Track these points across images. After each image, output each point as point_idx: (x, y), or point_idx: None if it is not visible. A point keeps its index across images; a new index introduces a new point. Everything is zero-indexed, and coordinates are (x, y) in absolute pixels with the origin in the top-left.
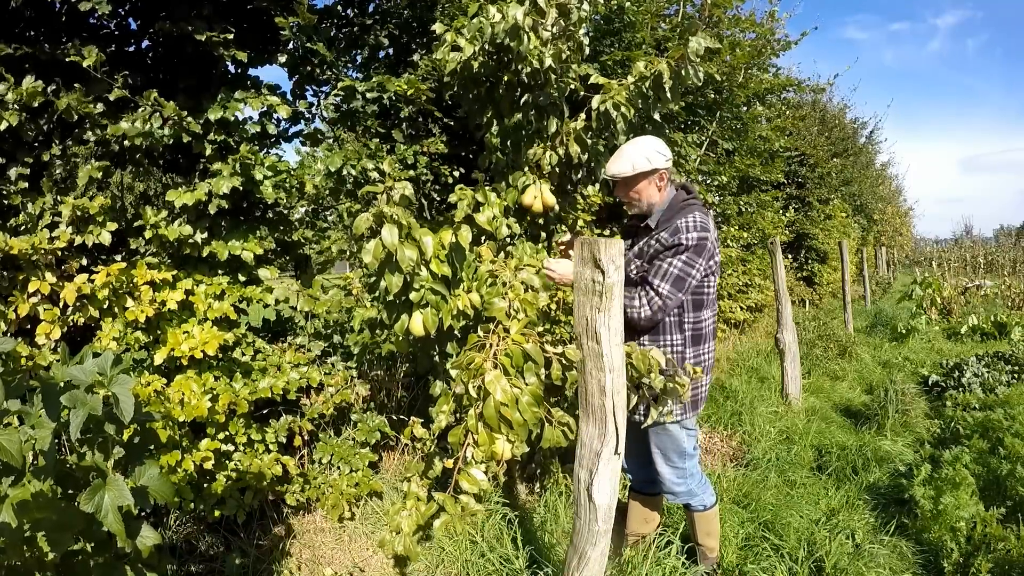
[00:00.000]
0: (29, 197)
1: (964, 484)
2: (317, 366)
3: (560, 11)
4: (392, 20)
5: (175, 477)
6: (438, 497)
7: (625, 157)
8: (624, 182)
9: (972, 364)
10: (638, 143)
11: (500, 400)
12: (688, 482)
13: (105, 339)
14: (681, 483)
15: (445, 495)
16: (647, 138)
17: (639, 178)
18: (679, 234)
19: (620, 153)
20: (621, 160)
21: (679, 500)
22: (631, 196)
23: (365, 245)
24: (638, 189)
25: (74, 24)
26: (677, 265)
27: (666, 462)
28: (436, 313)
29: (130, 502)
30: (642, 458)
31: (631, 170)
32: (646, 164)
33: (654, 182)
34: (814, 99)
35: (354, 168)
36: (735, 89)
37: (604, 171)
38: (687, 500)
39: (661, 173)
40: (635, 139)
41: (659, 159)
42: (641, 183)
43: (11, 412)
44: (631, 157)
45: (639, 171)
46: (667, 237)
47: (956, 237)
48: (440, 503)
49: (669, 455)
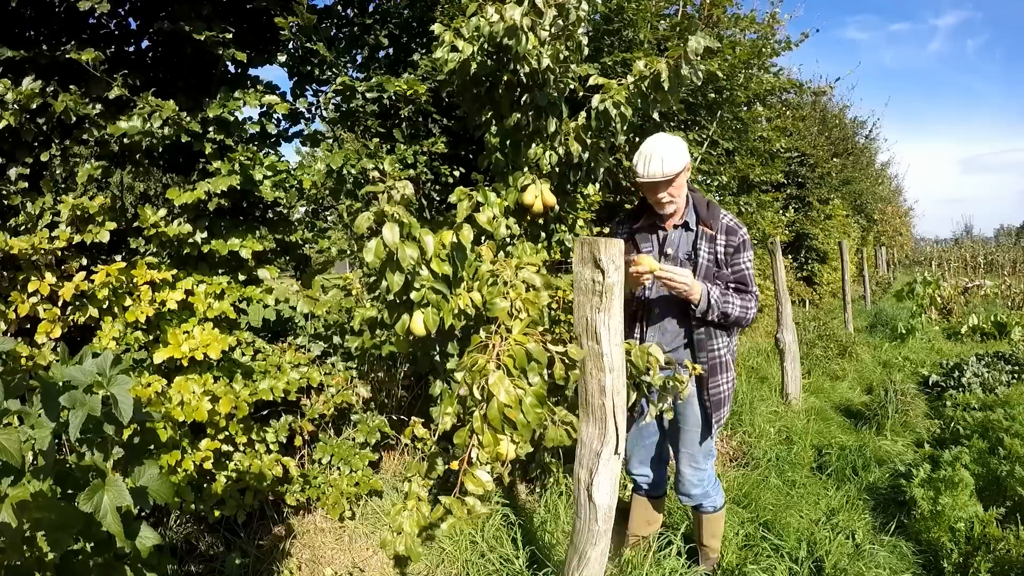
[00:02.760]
0: (29, 197)
1: (963, 484)
2: (317, 366)
3: (559, 11)
4: (392, 20)
5: (175, 477)
6: (445, 500)
7: (670, 154)
8: (667, 181)
9: (972, 364)
10: (669, 140)
11: (504, 402)
12: (704, 484)
13: (105, 339)
14: (699, 484)
15: (452, 498)
16: (668, 135)
17: (682, 174)
18: (736, 233)
19: (658, 151)
20: (668, 158)
21: (693, 502)
22: (671, 194)
23: (366, 244)
24: (678, 185)
25: (74, 24)
26: (749, 263)
27: (691, 463)
28: (437, 312)
29: (129, 502)
30: (651, 459)
31: (680, 166)
32: (687, 158)
33: (685, 178)
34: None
35: (354, 168)
36: (736, 89)
37: (647, 173)
38: (700, 501)
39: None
40: (660, 136)
41: (688, 154)
42: (681, 179)
43: (11, 412)
44: (676, 153)
45: (684, 166)
46: (729, 238)
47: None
48: (447, 506)
49: (697, 457)
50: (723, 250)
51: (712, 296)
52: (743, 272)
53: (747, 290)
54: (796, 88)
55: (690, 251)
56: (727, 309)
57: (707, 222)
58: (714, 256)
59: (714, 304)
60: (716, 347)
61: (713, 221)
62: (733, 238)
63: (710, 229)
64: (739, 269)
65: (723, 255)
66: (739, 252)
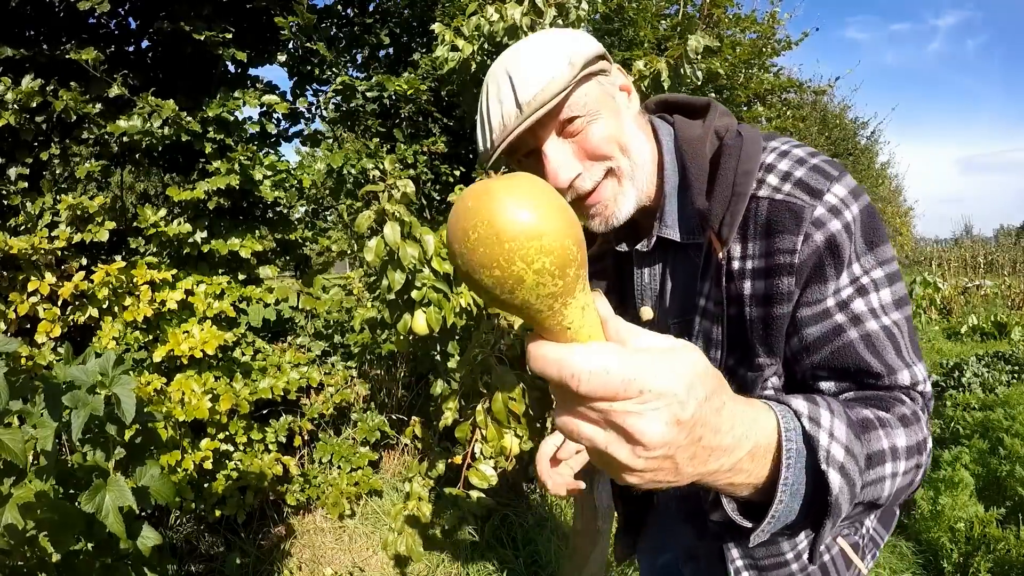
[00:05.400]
0: (28, 197)
1: (963, 484)
2: (317, 366)
3: (558, 11)
4: (392, 19)
5: (175, 477)
6: (449, 492)
7: (534, 63)
8: (542, 122)
9: (972, 364)
10: (533, 40)
11: (508, 394)
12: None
13: (105, 339)
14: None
15: (457, 490)
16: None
17: (593, 95)
18: (795, 225)
19: (505, 67)
20: (532, 72)
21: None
22: (575, 159)
23: (367, 243)
24: (589, 135)
25: (74, 23)
26: (875, 296)
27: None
28: (439, 311)
29: (131, 502)
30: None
31: (564, 79)
32: (585, 59)
33: (614, 107)
34: (815, 99)
35: (354, 168)
36: (736, 89)
37: (488, 117)
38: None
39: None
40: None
41: (592, 50)
42: (587, 109)
43: (12, 412)
44: (548, 58)
45: (581, 74)
46: (773, 243)
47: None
48: (451, 497)
49: None
50: (761, 286)
51: (831, 448)
52: (847, 339)
53: (885, 392)
54: (796, 88)
55: (696, 303)
56: (874, 494)
57: (711, 219)
58: (750, 304)
59: (846, 477)
60: (798, 543)
61: (730, 211)
62: (783, 244)
63: (721, 240)
64: (835, 328)
65: (764, 296)
66: (819, 278)
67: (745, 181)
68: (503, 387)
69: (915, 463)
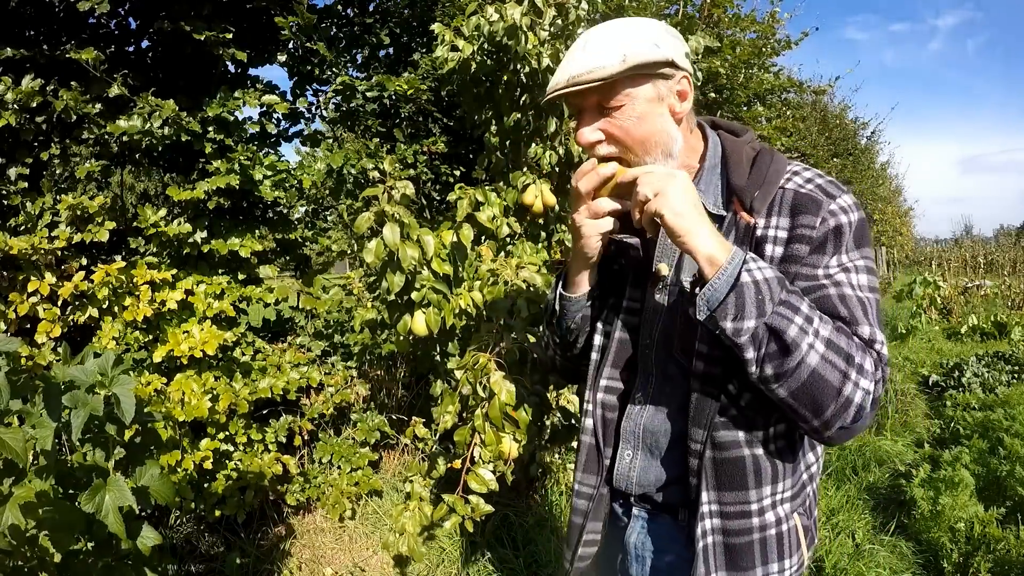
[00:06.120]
0: (28, 197)
1: (963, 484)
2: (317, 366)
3: (558, 11)
4: (392, 19)
5: (175, 477)
6: (448, 499)
7: (608, 40)
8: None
9: (972, 364)
10: (618, 24)
11: (505, 400)
12: None
13: (104, 339)
14: None
15: (455, 496)
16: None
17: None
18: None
19: (588, 39)
20: (603, 46)
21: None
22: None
23: (366, 244)
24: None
25: (73, 23)
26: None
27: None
28: (438, 312)
29: (131, 502)
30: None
31: (628, 60)
32: (655, 51)
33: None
34: (814, 99)
35: (354, 168)
36: (736, 88)
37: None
38: None
39: None
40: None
41: (669, 46)
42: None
43: (12, 412)
44: (622, 39)
45: (643, 62)
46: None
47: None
48: (451, 505)
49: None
50: (780, 250)
51: (754, 272)
52: (827, 292)
53: (848, 325)
54: (796, 87)
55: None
56: (780, 324)
57: (745, 195)
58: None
59: (757, 287)
60: (764, 496)
61: (761, 192)
62: (805, 221)
63: (749, 213)
64: (819, 286)
65: (782, 257)
66: (821, 250)
67: (776, 174)
68: (501, 392)
69: (843, 367)
